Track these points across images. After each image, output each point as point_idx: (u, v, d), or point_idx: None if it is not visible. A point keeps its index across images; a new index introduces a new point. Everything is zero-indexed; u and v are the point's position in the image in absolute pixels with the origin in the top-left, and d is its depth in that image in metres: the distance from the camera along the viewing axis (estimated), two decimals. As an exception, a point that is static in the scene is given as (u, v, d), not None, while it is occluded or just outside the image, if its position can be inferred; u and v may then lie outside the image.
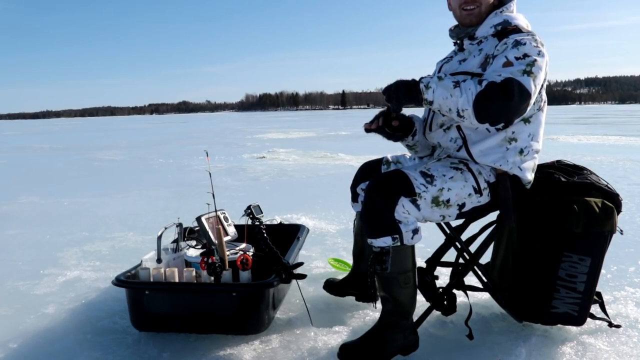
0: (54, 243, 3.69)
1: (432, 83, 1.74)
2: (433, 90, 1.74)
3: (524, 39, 1.76)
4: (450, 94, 1.71)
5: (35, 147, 15.79)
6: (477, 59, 1.88)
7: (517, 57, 1.72)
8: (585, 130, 16.85)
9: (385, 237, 1.77)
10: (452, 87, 1.71)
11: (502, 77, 1.68)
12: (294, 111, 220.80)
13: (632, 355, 1.89)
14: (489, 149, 1.86)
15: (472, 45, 1.93)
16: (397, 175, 1.81)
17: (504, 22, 1.87)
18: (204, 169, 7.66)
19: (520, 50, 1.73)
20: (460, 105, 1.69)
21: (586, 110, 69.38)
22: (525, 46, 1.74)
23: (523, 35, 1.79)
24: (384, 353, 1.84)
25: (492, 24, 1.88)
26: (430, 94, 1.74)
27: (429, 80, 1.76)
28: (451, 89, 1.71)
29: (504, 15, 1.88)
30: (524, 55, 1.72)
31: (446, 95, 1.72)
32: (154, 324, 2.07)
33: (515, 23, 1.87)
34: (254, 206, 2.42)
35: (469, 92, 1.68)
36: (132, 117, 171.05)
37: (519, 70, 1.69)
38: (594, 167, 2.70)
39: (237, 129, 26.36)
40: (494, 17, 1.89)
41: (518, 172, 1.86)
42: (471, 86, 1.69)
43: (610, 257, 2.29)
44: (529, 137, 1.86)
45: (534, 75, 1.70)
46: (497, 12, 1.89)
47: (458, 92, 1.69)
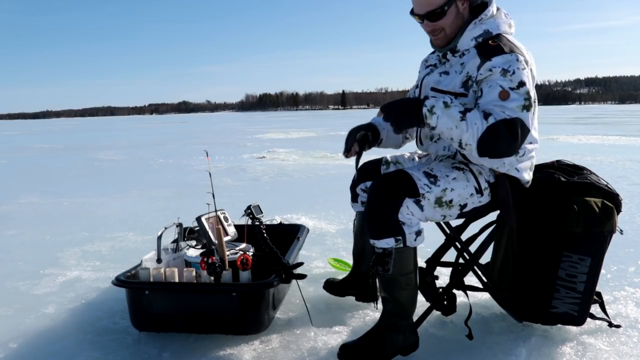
0: (54, 243, 3.69)
1: (437, 109, 1.68)
2: (438, 116, 1.68)
3: (511, 65, 1.70)
4: (456, 125, 1.67)
5: (35, 147, 15.79)
6: (459, 76, 1.82)
7: (511, 88, 1.69)
8: (585, 130, 16.85)
9: (388, 238, 1.77)
10: (458, 118, 1.66)
11: (508, 116, 1.66)
12: (294, 111, 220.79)
13: (632, 355, 1.89)
14: None
15: (454, 58, 1.87)
16: (401, 176, 1.81)
17: (485, 33, 1.81)
18: (204, 169, 7.66)
19: (513, 79, 1.69)
20: (465, 139, 1.67)
21: (586, 110, 69.37)
22: (515, 74, 1.69)
23: (507, 57, 1.71)
24: (384, 353, 1.84)
25: (472, 36, 1.82)
26: (434, 120, 1.69)
27: (433, 103, 1.69)
28: (457, 120, 1.66)
29: (484, 25, 1.82)
30: (519, 84, 1.69)
31: (451, 126, 1.68)
32: (154, 324, 2.07)
33: (498, 31, 1.81)
34: (254, 206, 2.42)
35: (474, 128, 1.65)
36: (132, 117, 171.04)
37: (518, 106, 1.68)
38: (594, 167, 2.70)
39: (237, 129, 26.35)
40: (473, 28, 1.82)
41: (515, 173, 1.86)
42: (477, 120, 1.65)
43: (610, 257, 2.29)
44: None
45: (532, 108, 1.72)
46: (476, 21, 1.81)
47: (464, 125, 1.66)
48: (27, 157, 11.93)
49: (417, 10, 1.84)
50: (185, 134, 21.85)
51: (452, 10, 1.80)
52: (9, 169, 9.42)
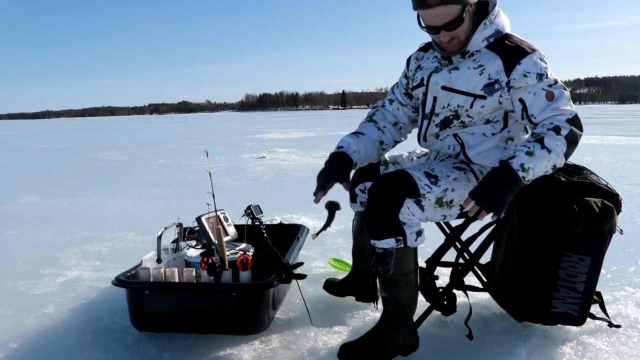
0: (54, 243, 3.69)
1: (527, 162, 1.63)
2: (532, 169, 1.64)
3: (541, 67, 1.74)
4: (547, 160, 1.66)
5: (35, 147, 15.79)
6: (476, 76, 1.80)
7: (550, 85, 1.73)
8: (585, 130, 16.76)
9: (389, 238, 1.77)
10: (546, 154, 1.65)
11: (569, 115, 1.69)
12: (294, 111, 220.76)
13: (632, 355, 1.89)
14: (486, 151, 1.87)
15: (461, 58, 1.85)
16: (401, 176, 1.80)
17: (496, 33, 1.81)
18: (204, 169, 7.66)
19: (550, 78, 1.74)
20: (559, 162, 1.69)
21: (586, 110, 69.34)
22: (547, 74, 1.74)
23: (533, 59, 1.74)
24: (384, 353, 1.84)
25: (483, 36, 1.80)
26: (530, 174, 1.65)
27: (521, 161, 1.64)
28: (547, 156, 1.65)
29: (494, 25, 1.81)
30: (555, 81, 1.74)
31: (545, 164, 1.67)
32: (154, 324, 2.07)
33: (505, 31, 1.82)
34: (254, 206, 2.42)
35: (558, 149, 1.66)
36: (132, 117, 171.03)
37: (566, 102, 1.73)
38: (594, 167, 2.70)
39: (237, 129, 26.35)
40: (483, 29, 1.80)
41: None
42: (557, 142, 1.66)
43: (610, 257, 2.29)
44: (524, 134, 1.88)
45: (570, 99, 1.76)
46: (486, 22, 1.80)
47: (553, 155, 1.66)
48: (27, 157, 11.93)
49: (434, 22, 1.75)
50: (185, 134, 21.85)
51: (467, 16, 1.77)
52: (9, 169, 9.42)
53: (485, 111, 1.84)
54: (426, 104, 1.95)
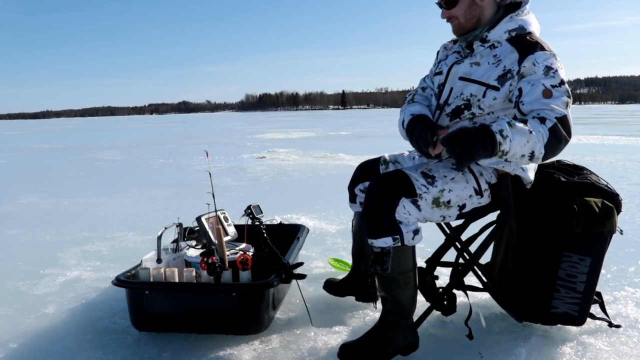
0: (54, 243, 3.69)
1: (507, 131, 1.61)
2: (510, 139, 1.61)
3: (554, 64, 1.73)
4: (527, 139, 1.62)
5: (35, 147, 15.79)
6: (493, 69, 1.82)
7: (553, 85, 1.70)
8: (585, 130, 16.84)
9: (385, 237, 1.77)
10: (527, 131, 1.62)
11: (558, 114, 1.66)
12: (294, 111, 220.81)
13: (632, 355, 1.89)
14: None
15: (484, 48, 1.87)
16: (397, 176, 1.81)
17: (519, 28, 1.83)
18: (204, 169, 7.66)
19: (556, 77, 1.71)
20: (538, 149, 1.64)
21: (586, 110, 69.37)
22: (557, 72, 1.72)
23: (549, 56, 1.74)
24: (384, 353, 1.84)
25: (506, 28, 1.83)
26: (507, 144, 1.61)
27: (501, 127, 1.61)
28: (527, 133, 1.62)
29: (519, 20, 1.83)
30: (560, 82, 1.71)
31: (524, 142, 1.62)
32: (154, 324, 2.07)
33: (530, 29, 1.83)
34: (254, 206, 2.42)
35: (539, 136, 1.63)
36: (132, 117, 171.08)
37: (562, 103, 1.69)
38: (594, 167, 2.71)
39: (237, 129, 26.36)
40: (509, 21, 1.83)
41: (521, 172, 1.87)
42: (539, 128, 1.64)
43: (610, 257, 2.29)
44: None
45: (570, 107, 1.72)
46: (513, 15, 1.84)
47: (534, 136, 1.62)
48: (27, 157, 11.93)
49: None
50: (185, 134, 21.85)
51: (467, 1, 1.84)
52: (9, 169, 9.42)
53: (497, 104, 1.83)
54: (442, 94, 1.96)
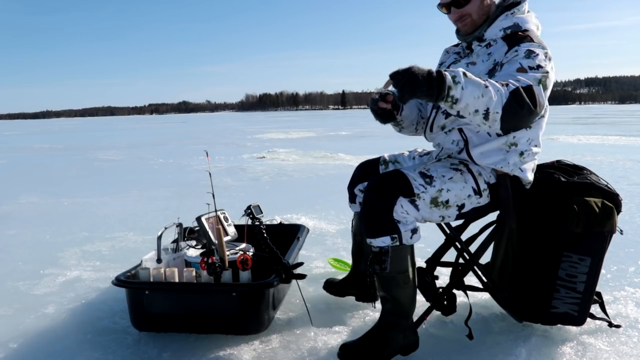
0: (54, 243, 3.69)
1: (460, 78, 1.52)
2: (462, 87, 1.52)
3: (537, 50, 1.72)
4: (482, 93, 1.53)
5: (35, 147, 15.79)
6: (485, 64, 1.85)
7: (530, 67, 1.68)
8: (585, 130, 16.85)
9: (384, 236, 1.77)
10: (483, 85, 1.54)
11: (525, 83, 1.60)
12: (294, 111, 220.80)
13: (632, 355, 1.89)
14: (489, 151, 1.86)
15: (480, 47, 1.90)
16: (395, 176, 1.81)
17: (514, 26, 1.84)
18: (204, 169, 7.66)
19: (535, 61, 1.69)
20: (493, 106, 1.55)
21: (586, 110, 69.37)
22: (538, 57, 1.70)
23: (535, 46, 1.74)
24: (384, 353, 1.84)
25: (502, 26, 1.85)
26: (458, 91, 1.52)
27: (455, 73, 1.53)
28: (482, 87, 1.53)
29: (515, 18, 1.85)
30: (538, 66, 1.68)
31: (478, 95, 1.53)
32: (154, 324, 2.07)
33: (526, 27, 1.84)
34: (254, 206, 2.42)
35: (499, 94, 1.54)
36: (132, 117, 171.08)
37: (535, 79, 1.65)
38: (594, 167, 2.71)
39: (237, 129, 26.36)
40: (504, 19, 1.85)
41: (519, 173, 1.86)
42: (498, 87, 1.56)
43: (610, 257, 2.29)
44: (528, 141, 1.86)
45: (546, 88, 1.69)
46: (508, 13, 1.85)
47: (490, 91, 1.54)
48: (27, 157, 11.93)
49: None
50: (185, 134, 21.85)
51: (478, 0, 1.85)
52: (9, 169, 9.42)
53: None
54: None
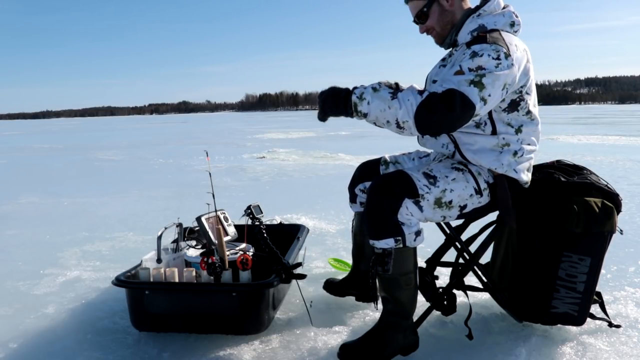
0: (54, 243, 3.69)
1: (367, 94, 1.69)
2: (368, 102, 1.68)
3: (483, 50, 1.69)
4: (388, 105, 1.66)
5: (35, 147, 15.79)
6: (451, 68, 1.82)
7: (470, 68, 1.67)
8: (585, 130, 16.85)
9: (387, 238, 1.77)
10: (389, 98, 1.67)
11: (443, 88, 1.65)
12: (294, 111, 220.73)
13: (632, 355, 1.89)
14: (482, 151, 1.85)
15: (457, 52, 1.88)
16: (400, 177, 1.81)
17: (480, 28, 1.82)
18: (204, 169, 7.66)
19: (475, 61, 1.68)
20: (400, 117, 1.66)
21: (586, 110, 69.37)
22: (481, 58, 1.68)
23: (485, 47, 1.70)
24: (384, 353, 1.84)
25: (468, 30, 1.84)
26: (364, 106, 1.69)
27: (362, 90, 1.70)
28: (389, 100, 1.67)
29: (480, 19, 1.83)
30: (478, 67, 1.67)
31: (383, 107, 1.67)
32: (154, 324, 2.07)
33: (492, 27, 1.81)
34: (254, 206, 2.42)
35: (408, 104, 1.65)
36: (132, 117, 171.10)
37: (466, 80, 1.65)
38: (594, 167, 2.71)
39: (237, 129, 26.36)
40: (470, 22, 1.84)
41: (513, 174, 1.85)
42: (410, 97, 1.66)
43: (610, 257, 2.30)
44: (519, 141, 1.85)
45: (482, 87, 1.65)
46: (474, 16, 1.84)
47: (396, 103, 1.65)
48: (27, 157, 11.92)
49: (411, 15, 1.95)
50: (185, 134, 21.85)
51: (435, 10, 1.88)
52: (9, 169, 9.42)
53: None
54: None
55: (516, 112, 1.82)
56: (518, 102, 1.81)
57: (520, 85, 1.78)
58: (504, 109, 1.80)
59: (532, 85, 1.85)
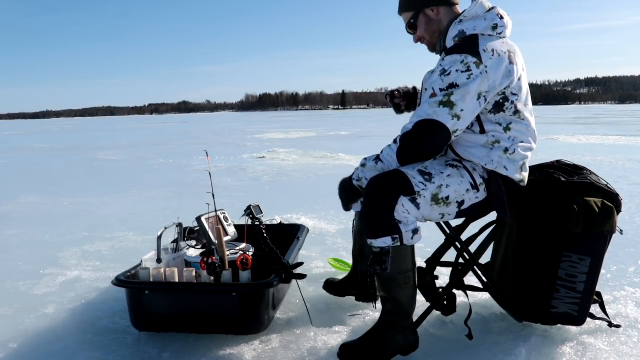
0: (54, 243, 3.69)
1: (361, 174, 1.90)
2: (365, 177, 1.87)
3: (451, 66, 1.75)
4: (378, 170, 1.85)
5: (35, 147, 15.79)
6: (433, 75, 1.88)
7: (441, 89, 1.76)
8: (585, 130, 16.85)
9: (385, 237, 1.77)
10: (374, 165, 1.86)
11: (412, 123, 1.78)
12: (294, 111, 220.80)
13: (632, 355, 1.89)
14: (472, 147, 1.87)
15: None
16: (395, 175, 1.81)
17: (460, 33, 1.85)
18: (204, 169, 7.66)
19: (445, 81, 1.76)
20: (388, 166, 1.84)
21: (586, 110, 69.40)
22: (449, 76, 1.75)
23: (455, 58, 1.76)
24: (384, 353, 1.84)
25: (451, 36, 1.87)
26: (364, 181, 1.88)
27: (357, 173, 1.91)
28: (375, 167, 1.86)
29: (460, 25, 1.85)
30: (448, 86, 1.75)
31: (377, 171, 1.85)
32: (154, 324, 2.07)
33: (473, 32, 1.82)
34: (254, 206, 2.42)
35: (390, 159, 1.83)
36: (132, 117, 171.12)
37: (436, 102, 1.75)
38: (594, 167, 2.71)
39: (237, 129, 26.36)
40: (453, 28, 1.88)
41: (503, 171, 1.84)
42: (388, 152, 1.83)
43: (610, 257, 2.29)
44: (510, 139, 1.85)
45: (452, 105, 1.74)
46: (456, 22, 1.87)
47: (382, 165, 1.85)
48: (27, 157, 11.93)
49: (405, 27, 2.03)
50: (185, 134, 21.85)
51: (422, 20, 1.95)
52: (9, 169, 9.42)
53: None
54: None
55: (502, 112, 1.83)
56: (502, 103, 1.82)
57: (503, 88, 1.79)
58: (489, 110, 1.82)
59: (522, 84, 1.84)
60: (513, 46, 1.85)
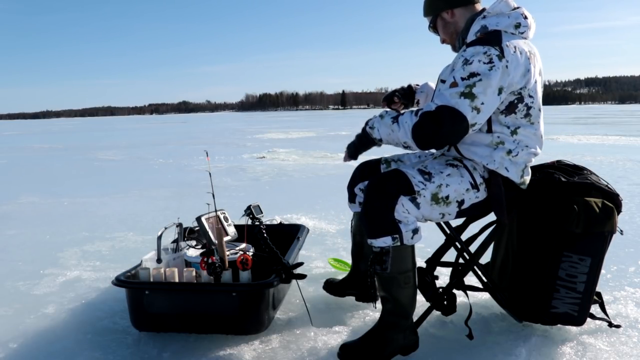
0: (54, 243, 3.69)
1: (375, 122, 1.87)
2: (377, 129, 1.86)
3: (474, 56, 1.73)
4: (392, 129, 1.81)
5: (35, 147, 15.79)
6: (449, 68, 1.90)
7: (462, 78, 1.73)
8: (585, 130, 16.85)
9: (385, 237, 1.77)
10: (390, 123, 1.82)
11: (435, 105, 1.74)
12: (294, 111, 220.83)
13: (632, 355, 1.89)
14: (475, 146, 1.87)
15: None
16: (395, 174, 1.81)
17: (482, 28, 1.84)
18: (204, 169, 7.66)
19: (467, 69, 1.73)
20: (401, 138, 1.79)
21: (586, 110, 69.39)
22: (471, 65, 1.72)
23: (478, 49, 1.74)
24: (384, 353, 1.84)
25: (474, 31, 1.87)
26: (376, 133, 1.86)
27: (373, 121, 1.88)
28: (390, 125, 1.82)
29: (483, 21, 1.85)
30: (470, 75, 1.72)
31: (388, 132, 1.82)
32: (154, 324, 2.07)
33: (494, 28, 1.81)
34: (254, 206, 2.42)
35: (406, 126, 1.77)
36: (132, 117, 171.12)
37: (457, 92, 1.71)
38: (594, 167, 2.71)
39: (237, 129, 26.36)
40: (475, 24, 1.88)
41: (504, 172, 1.85)
42: (407, 119, 1.78)
43: (610, 257, 2.29)
44: (515, 142, 1.84)
45: (473, 97, 1.70)
46: (479, 18, 1.87)
47: (397, 127, 1.79)
48: (27, 157, 11.93)
49: None
50: (185, 134, 21.85)
51: (440, 23, 2.00)
52: (9, 169, 9.42)
53: None
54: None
55: (514, 114, 1.82)
56: (516, 104, 1.80)
57: (520, 87, 1.78)
58: (501, 111, 1.81)
59: (537, 89, 1.84)
60: (533, 48, 1.85)
